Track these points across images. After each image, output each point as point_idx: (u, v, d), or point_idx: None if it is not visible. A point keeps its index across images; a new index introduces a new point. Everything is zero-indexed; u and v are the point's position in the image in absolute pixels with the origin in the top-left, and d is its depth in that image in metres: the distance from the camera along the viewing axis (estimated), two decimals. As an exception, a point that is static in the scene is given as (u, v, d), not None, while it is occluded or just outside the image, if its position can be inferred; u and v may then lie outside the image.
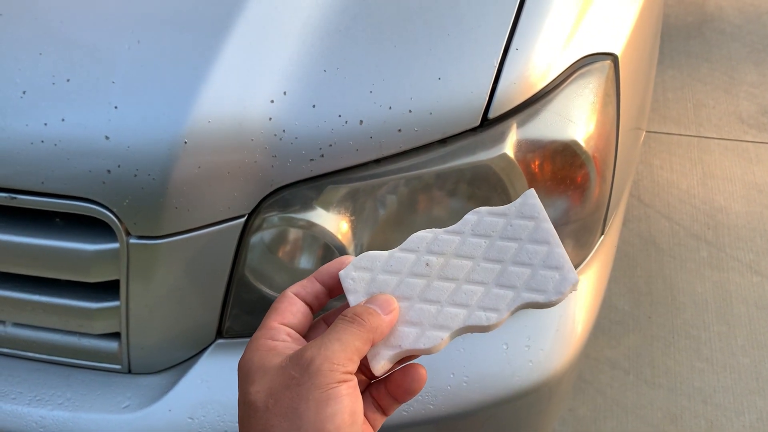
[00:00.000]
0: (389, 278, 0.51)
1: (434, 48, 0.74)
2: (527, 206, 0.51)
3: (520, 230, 0.51)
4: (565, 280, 0.49)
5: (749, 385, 1.52)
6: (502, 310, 0.49)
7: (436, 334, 0.49)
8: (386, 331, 0.48)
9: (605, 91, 0.80)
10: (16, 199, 0.71)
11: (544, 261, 0.50)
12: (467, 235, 0.51)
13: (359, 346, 0.46)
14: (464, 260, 0.51)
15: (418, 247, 0.51)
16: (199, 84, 0.70)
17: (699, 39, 2.46)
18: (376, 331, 0.48)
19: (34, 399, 0.80)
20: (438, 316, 0.50)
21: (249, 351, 0.48)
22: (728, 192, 1.94)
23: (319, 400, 0.43)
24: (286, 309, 0.50)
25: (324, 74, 0.72)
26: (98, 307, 0.77)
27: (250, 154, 0.70)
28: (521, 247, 0.50)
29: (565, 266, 0.50)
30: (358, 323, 0.47)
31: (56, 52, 0.72)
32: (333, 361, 0.45)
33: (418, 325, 0.49)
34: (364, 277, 0.51)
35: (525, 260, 0.50)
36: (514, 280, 0.50)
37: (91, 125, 0.69)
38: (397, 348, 0.49)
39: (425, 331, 0.49)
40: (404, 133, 0.72)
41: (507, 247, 0.51)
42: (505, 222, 0.51)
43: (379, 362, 0.49)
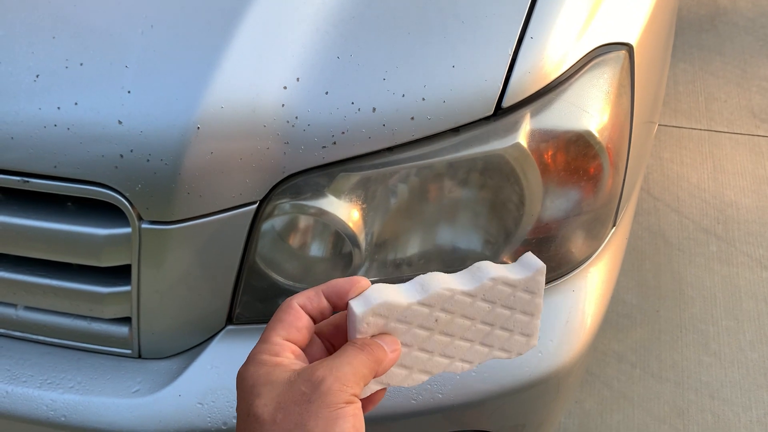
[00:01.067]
0: (400, 327, 0.54)
1: (448, 35, 0.73)
2: (534, 282, 0.56)
3: (519, 302, 0.57)
4: (527, 346, 0.58)
5: (757, 380, 1.52)
6: (474, 363, 0.57)
7: (419, 377, 0.56)
8: (387, 368, 0.52)
9: (620, 81, 0.79)
10: (28, 182, 0.72)
11: (522, 329, 0.57)
12: (477, 299, 0.56)
13: (365, 373, 0.49)
14: (466, 320, 0.56)
15: (435, 303, 0.55)
16: (213, 69, 0.69)
17: (712, 32, 2.44)
18: (380, 364, 0.51)
19: (45, 382, 0.81)
20: (426, 363, 0.56)
21: (253, 364, 0.49)
22: (739, 186, 1.93)
23: (328, 418, 0.45)
24: (292, 324, 0.51)
25: (337, 61, 0.72)
26: (109, 291, 0.78)
27: (262, 140, 0.70)
28: (512, 316, 0.57)
29: (534, 335, 0.58)
30: (368, 352, 0.50)
31: (69, 36, 0.72)
32: (343, 383, 0.47)
33: (409, 368, 0.55)
34: (378, 323, 0.54)
35: (510, 327, 0.57)
36: (494, 341, 0.57)
37: (104, 110, 0.69)
38: (385, 384, 0.55)
39: (412, 374, 0.55)
40: (417, 121, 0.71)
41: (501, 315, 0.57)
42: (511, 292, 0.56)
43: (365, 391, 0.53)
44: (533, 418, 0.89)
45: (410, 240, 0.80)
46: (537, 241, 0.79)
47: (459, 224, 0.79)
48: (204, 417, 0.78)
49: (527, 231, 0.78)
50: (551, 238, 0.80)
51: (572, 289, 0.83)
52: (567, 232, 0.80)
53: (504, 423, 0.87)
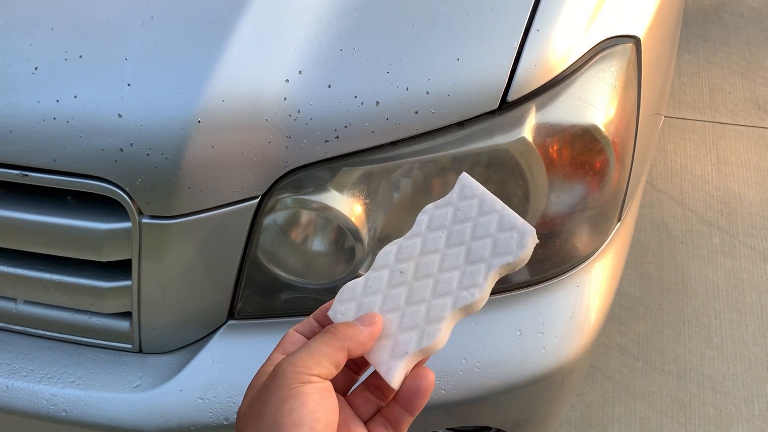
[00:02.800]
0: (374, 298, 0.54)
1: (453, 28, 0.72)
2: (466, 188, 0.55)
3: (468, 210, 0.55)
4: (523, 235, 0.53)
5: (759, 373, 1.51)
6: (481, 283, 0.52)
7: (434, 328, 0.52)
8: (365, 340, 0.51)
9: (627, 74, 0.78)
10: (27, 176, 0.71)
11: (499, 227, 0.54)
12: (425, 233, 0.55)
13: (328, 351, 0.49)
14: (432, 255, 0.54)
15: (388, 261, 0.55)
16: (214, 62, 0.68)
17: (717, 23, 2.42)
18: (351, 339, 0.50)
19: (46, 377, 0.80)
20: (429, 312, 0.52)
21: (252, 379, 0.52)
22: (743, 178, 1.92)
23: (279, 398, 0.46)
24: (287, 341, 0.53)
25: (340, 54, 0.71)
26: (110, 286, 0.77)
27: (264, 134, 0.69)
28: (475, 223, 0.54)
29: (517, 224, 0.53)
30: (330, 332, 0.50)
31: (69, 28, 0.71)
32: (296, 365, 0.47)
33: (415, 328, 0.52)
34: (351, 307, 0.54)
35: (482, 233, 0.54)
36: (482, 253, 0.53)
37: (104, 102, 0.68)
38: (404, 355, 0.51)
39: (423, 330, 0.52)
40: (421, 115, 0.70)
41: (463, 229, 0.54)
42: (453, 209, 0.55)
43: (392, 374, 0.51)
44: (536, 414, 0.88)
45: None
46: (542, 236, 0.79)
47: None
48: (205, 412, 0.77)
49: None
50: (556, 233, 0.79)
51: (577, 285, 0.83)
52: (572, 227, 0.80)
53: (507, 418, 0.86)
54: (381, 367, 0.51)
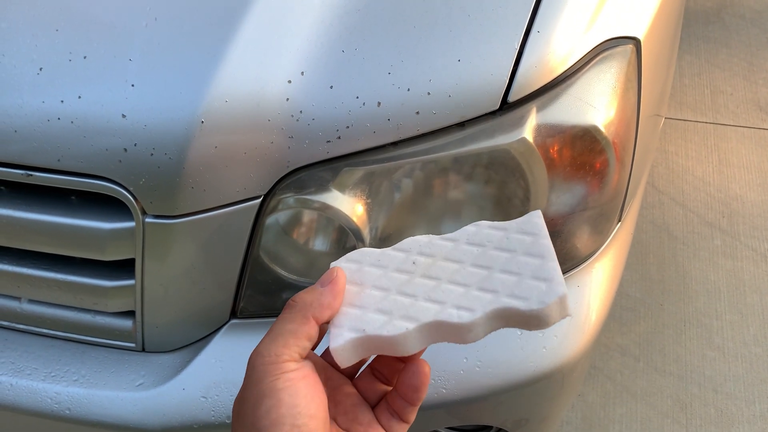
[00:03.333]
0: (374, 270, 0.51)
1: (454, 29, 0.72)
2: (530, 224, 0.51)
3: (517, 244, 0.50)
4: (551, 292, 0.47)
5: (761, 374, 1.51)
6: (476, 311, 0.47)
7: (402, 324, 0.48)
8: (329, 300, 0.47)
9: (627, 75, 0.79)
10: (32, 176, 0.71)
11: (534, 272, 0.48)
12: (461, 242, 0.51)
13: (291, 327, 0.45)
14: (452, 263, 0.50)
15: (411, 248, 0.52)
16: (217, 63, 0.69)
17: (718, 24, 2.42)
18: (312, 305, 0.46)
19: (49, 375, 0.81)
20: (410, 309, 0.48)
21: None
22: (744, 180, 1.92)
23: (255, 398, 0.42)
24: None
25: (342, 55, 0.71)
26: (113, 285, 0.78)
27: (266, 134, 0.70)
28: (513, 257, 0.49)
29: (555, 278, 0.47)
30: (290, 306, 0.46)
31: (73, 29, 0.72)
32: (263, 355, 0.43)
33: (388, 313, 0.48)
34: (351, 267, 0.51)
35: (514, 269, 0.49)
36: (497, 286, 0.48)
37: (108, 103, 0.69)
38: (360, 332, 0.48)
39: (393, 320, 0.48)
40: (422, 116, 0.71)
41: (498, 256, 0.49)
42: (503, 235, 0.51)
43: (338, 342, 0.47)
44: (537, 413, 0.89)
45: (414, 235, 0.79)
46: (542, 237, 0.79)
47: (464, 219, 0.79)
48: (208, 410, 0.78)
49: (532, 226, 0.78)
50: (556, 233, 0.79)
51: (577, 285, 0.83)
52: (572, 228, 0.80)
53: (507, 417, 0.87)
54: (334, 330, 0.48)
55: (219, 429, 0.78)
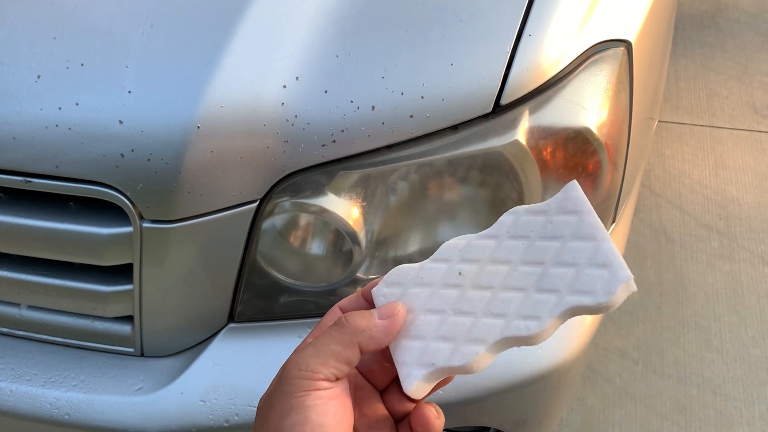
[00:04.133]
0: (421, 291, 0.47)
1: (447, 33, 0.73)
2: (570, 200, 0.46)
3: (562, 227, 0.45)
4: (615, 279, 0.43)
5: (759, 376, 1.52)
6: (544, 318, 0.43)
7: (471, 349, 0.44)
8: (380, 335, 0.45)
9: (618, 78, 0.79)
10: (30, 182, 0.72)
11: (590, 259, 0.44)
12: (503, 238, 0.46)
13: (336, 348, 0.43)
14: (500, 266, 0.46)
15: (451, 256, 0.47)
16: (212, 69, 0.70)
17: (713, 28, 2.44)
18: (363, 333, 0.44)
19: (49, 381, 0.81)
20: (473, 329, 0.45)
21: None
22: (740, 182, 1.93)
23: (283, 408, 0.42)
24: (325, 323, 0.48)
25: (336, 59, 0.72)
26: (111, 290, 0.78)
27: (262, 139, 0.70)
28: (563, 245, 0.45)
29: (614, 262, 0.43)
30: (340, 325, 0.45)
31: (70, 37, 0.73)
32: (300, 367, 0.43)
33: (452, 340, 0.45)
34: (395, 292, 0.48)
35: (569, 260, 0.44)
36: (557, 283, 0.44)
37: (105, 109, 0.69)
38: (430, 366, 0.45)
39: (459, 347, 0.45)
40: (416, 119, 0.72)
41: (548, 247, 0.45)
42: (545, 219, 0.46)
43: (411, 382, 0.45)
44: (534, 414, 0.89)
45: (410, 237, 0.80)
46: (536, 238, 0.80)
47: (459, 221, 0.80)
48: (206, 414, 0.78)
49: (527, 228, 0.79)
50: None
51: (572, 286, 0.83)
52: (566, 229, 0.81)
53: (505, 419, 0.87)
54: (402, 369, 0.46)
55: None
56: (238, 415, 0.78)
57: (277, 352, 0.80)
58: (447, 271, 0.47)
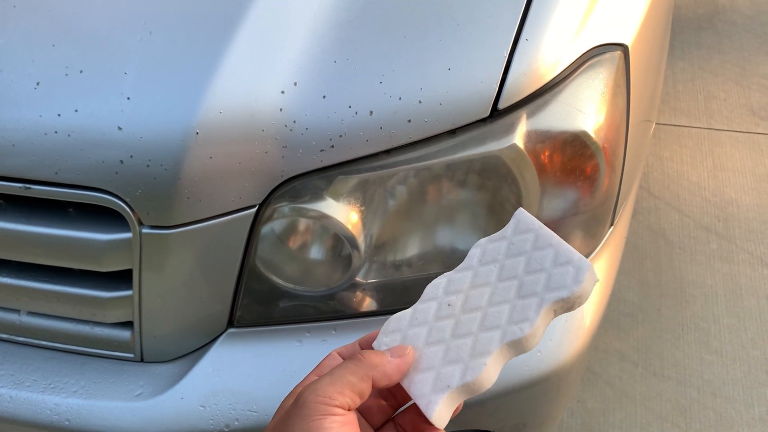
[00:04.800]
0: (419, 330, 0.52)
1: (444, 38, 0.74)
2: (522, 223, 0.54)
3: (523, 244, 0.53)
4: (579, 270, 0.50)
5: (759, 377, 1.52)
6: (532, 317, 0.50)
7: (479, 362, 0.49)
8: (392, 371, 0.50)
9: (615, 81, 0.80)
10: (30, 189, 0.72)
11: (554, 261, 0.51)
12: (477, 267, 0.53)
13: (352, 380, 0.47)
14: (482, 288, 0.52)
15: (436, 294, 0.54)
16: (211, 75, 0.70)
17: (710, 30, 2.44)
18: (377, 368, 0.49)
19: (49, 387, 0.81)
20: (475, 346, 0.50)
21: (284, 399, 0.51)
22: (739, 184, 1.93)
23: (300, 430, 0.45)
24: (326, 364, 0.52)
25: (334, 65, 0.73)
26: (111, 296, 0.78)
27: (261, 144, 0.71)
28: (529, 258, 0.52)
29: (573, 258, 0.51)
30: (356, 359, 0.49)
31: (69, 44, 0.73)
32: (319, 393, 0.46)
33: (460, 361, 0.50)
34: (396, 338, 0.53)
35: (537, 267, 0.52)
36: (534, 287, 0.51)
37: (104, 116, 0.70)
38: (446, 389, 0.49)
39: (468, 364, 0.50)
40: (414, 124, 0.72)
41: (517, 263, 0.52)
42: (507, 243, 0.54)
43: (432, 408, 0.49)
44: (534, 417, 0.89)
45: (409, 241, 0.80)
46: (535, 241, 0.80)
47: (457, 225, 0.80)
48: (206, 420, 0.78)
49: (525, 231, 0.79)
50: (549, 238, 0.80)
51: (571, 289, 0.84)
52: (564, 232, 0.81)
53: (505, 422, 0.87)
54: (421, 401, 0.50)
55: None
56: (238, 420, 0.78)
57: (277, 356, 0.80)
58: (437, 306, 0.53)
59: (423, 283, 0.81)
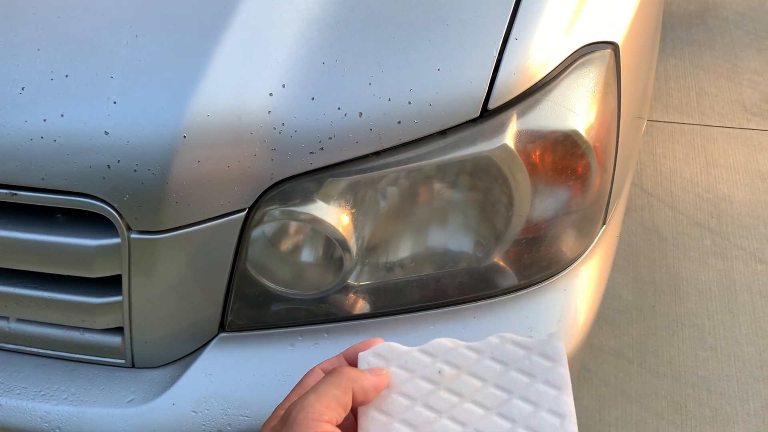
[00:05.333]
0: (401, 373, 0.52)
1: (433, 38, 0.73)
2: (551, 347, 0.53)
3: (537, 368, 0.52)
4: (562, 429, 0.49)
5: (754, 373, 1.52)
6: None
7: None
8: (369, 388, 0.50)
9: (606, 80, 0.79)
10: (16, 195, 0.72)
11: (550, 405, 0.50)
12: (485, 356, 0.53)
13: (336, 393, 0.48)
14: (475, 380, 0.52)
15: (437, 354, 0.53)
16: (198, 78, 0.69)
17: (701, 27, 2.45)
18: (356, 382, 0.50)
19: (39, 394, 0.81)
20: (433, 425, 0.50)
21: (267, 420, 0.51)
22: (731, 180, 1.93)
23: None
24: (308, 383, 0.52)
25: (323, 66, 0.72)
26: (101, 302, 0.78)
27: (249, 147, 0.70)
28: (532, 384, 0.51)
29: (568, 416, 0.50)
30: (336, 373, 0.50)
31: (54, 48, 0.72)
32: (308, 410, 0.46)
33: (413, 427, 0.50)
34: (379, 363, 0.53)
35: (532, 398, 0.51)
36: (515, 414, 0.50)
37: (91, 121, 0.69)
38: None
39: None
40: (404, 125, 0.71)
41: (519, 380, 0.51)
42: (525, 355, 0.52)
43: None
44: (529, 418, 0.89)
45: (401, 243, 0.80)
46: (527, 241, 0.80)
47: (449, 226, 0.79)
48: (198, 425, 0.78)
49: (517, 231, 0.79)
50: (541, 237, 0.80)
51: (564, 288, 0.83)
52: (557, 232, 0.81)
53: (499, 423, 0.87)
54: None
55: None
56: (230, 425, 0.77)
57: (269, 360, 0.80)
58: (429, 365, 0.53)
59: (415, 285, 0.81)
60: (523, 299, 0.82)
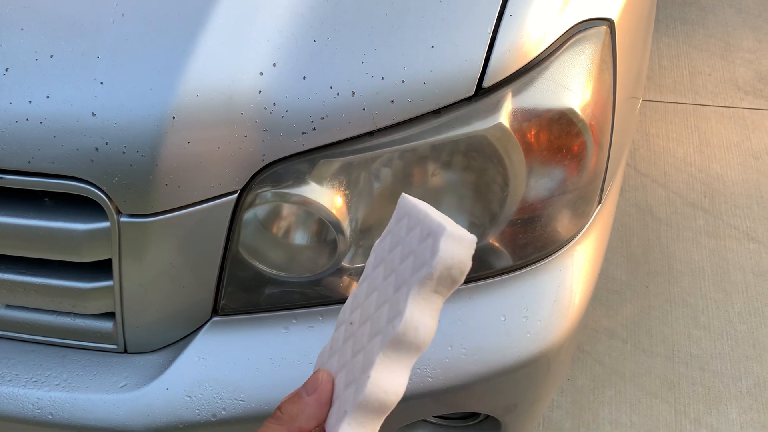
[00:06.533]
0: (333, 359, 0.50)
1: (427, 16, 0.72)
2: (401, 209, 0.49)
3: (399, 232, 0.48)
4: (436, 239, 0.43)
5: (746, 351, 1.53)
6: (402, 310, 0.44)
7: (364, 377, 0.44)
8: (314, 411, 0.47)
9: (601, 57, 0.78)
10: (3, 179, 0.70)
11: (419, 238, 0.45)
12: (369, 273, 0.50)
13: None
14: (372, 295, 0.48)
15: (344, 318, 0.51)
16: (187, 57, 0.68)
17: (694, 6, 2.43)
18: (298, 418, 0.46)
19: (30, 380, 0.80)
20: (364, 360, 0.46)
21: None
22: (724, 159, 1.93)
23: None
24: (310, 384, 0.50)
25: (314, 45, 0.71)
26: (91, 287, 0.77)
27: (240, 128, 0.69)
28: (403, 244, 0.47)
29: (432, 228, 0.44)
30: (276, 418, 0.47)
31: (38, 27, 0.70)
32: None
33: (354, 381, 0.46)
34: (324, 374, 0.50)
35: (407, 252, 0.46)
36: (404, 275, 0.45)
37: (77, 102, 0.67)
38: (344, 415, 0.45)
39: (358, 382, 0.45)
40: (397, 104, 0.70)
41: (394, 255, 0.48)
42: (390, 236, 0.49)
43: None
44: (525, 398, 0.89)
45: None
46: (522, 221, 0.79)
47: (444, 207, 0.78)
48: (192, 409, 0.77)
49: (513, 211, 0.78)
50: (537, 217, 0.79)
51: (559, 268, 0.83)
52: (552, 212, 0.80)
53: (496, 404, 0.87)
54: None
55: (204, 428, 0.77)
56: (224, 409, 0.77)
57: (263, 344, 0.79)
58: (345, 330, 0.50)
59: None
60: (519, 280, 0.81)
